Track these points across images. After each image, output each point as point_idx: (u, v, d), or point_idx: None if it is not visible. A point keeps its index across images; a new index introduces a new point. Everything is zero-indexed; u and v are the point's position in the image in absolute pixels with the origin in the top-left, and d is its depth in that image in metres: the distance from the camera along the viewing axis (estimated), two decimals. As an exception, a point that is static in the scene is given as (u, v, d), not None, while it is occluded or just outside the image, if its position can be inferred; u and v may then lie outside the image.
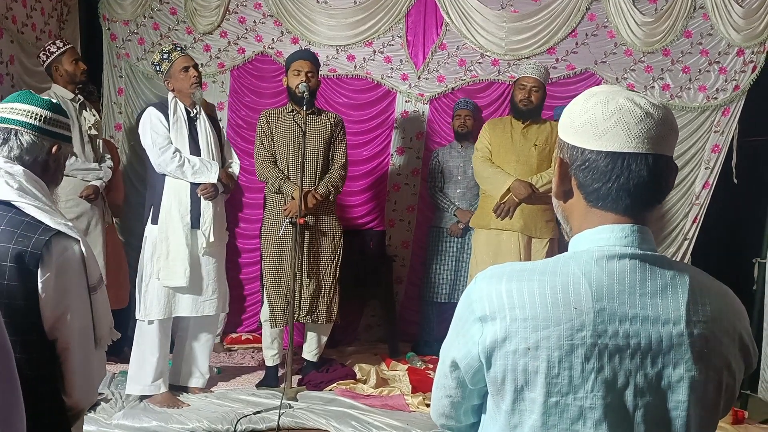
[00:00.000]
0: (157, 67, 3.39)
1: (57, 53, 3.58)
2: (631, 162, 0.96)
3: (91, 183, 3.59)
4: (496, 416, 1.02)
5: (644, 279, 0.96)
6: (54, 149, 1.57)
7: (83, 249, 1.46)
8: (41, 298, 1.39)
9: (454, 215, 4.40)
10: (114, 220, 4.04)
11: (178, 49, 3.41)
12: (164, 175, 3.32)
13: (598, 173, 0.98)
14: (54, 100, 1.61)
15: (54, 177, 1.61)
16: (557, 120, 4.15)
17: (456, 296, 4.44)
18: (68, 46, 3.63)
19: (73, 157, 3.53)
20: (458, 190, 4.45)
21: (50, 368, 1.44)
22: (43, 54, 3.61)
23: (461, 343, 1.02)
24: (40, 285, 1.39)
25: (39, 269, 1.39)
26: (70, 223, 1.48)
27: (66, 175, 3.48)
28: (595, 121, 0.98)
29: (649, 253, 0.98)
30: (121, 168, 4.41)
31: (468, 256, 4.38)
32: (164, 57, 3.35)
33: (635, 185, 0.97)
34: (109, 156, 3.80)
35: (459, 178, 4.44)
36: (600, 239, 0.99)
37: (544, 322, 0.94)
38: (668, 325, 0.95)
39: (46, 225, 1.42)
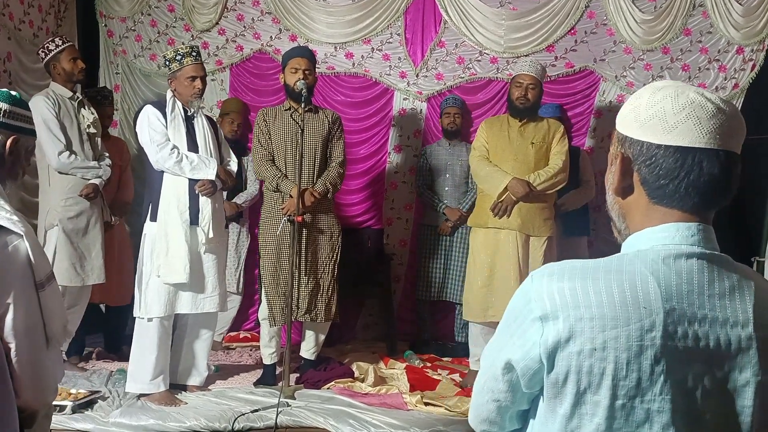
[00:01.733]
0: (167, 63, 3.35)
1: (55, 51, 3.55)
2: (702, 158, 0.92)
3: (90, 181, 3.58)
4: (549, 421, 0.98)
5: (712, 280, 0.93)
6: (10, 142, 1.50)
7: (28, 244, 1.38)
8: None
9: (443, 213, 4.39)
10: (116, 218, 4.02)
11: (194, 54, 3.33)
12: (162, 172, 3.30)
13: (665, 169, 0.94)
14: (14, 93, 1.56)
15: (12, 171, 1.53)
16: (551, 118, 4.16)
17: (446, 294, 4.43)
18: (67, 45, 3.60)
19: (72, 156, 3.52)
20: (446, 188, 4.44)
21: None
22: (42, 51, 3.59)
23: (518, 344, 0.98)
24: None
25: None
26: (15, 217, 1.40)
27: (65, 174, 3.51)
28: (665, 115, 0.94)
29: (715, 253, 0.95)
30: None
31: (457, 254, 4.38)
32: (177, 58, 3.30)
33: (705, 182, 0.93)
34: (107, 154, 3.78)
35: (447, 175, 4.44)
36: (664, 237, 0.95)
37: (612, 321, 0.91)
38: (736, 327, 0.92)
39: None
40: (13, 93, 1.55)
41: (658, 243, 0.95)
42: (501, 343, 1.02)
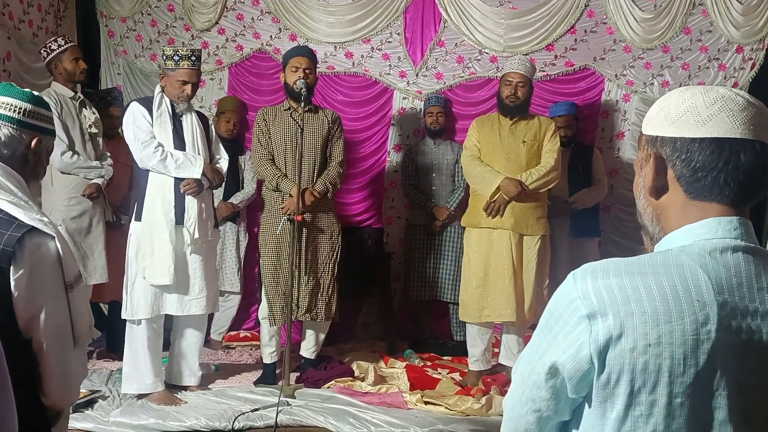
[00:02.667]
0: (164, 59, 3.28)
1: (57, 51, 3.55)
2: (739, 148, 0.92)
3: (93, 181, 3.58)
4: (598, 428, 0.94)
5: (759, 274, 0.92)
6: (34, 143, 1.53)
7: (59, 245, 1.41)
8: (14, 296, 1.35)
9: (431, 212, 4.39)
10: (126, 217, 4.02)
11: (192, 59, 3.24)
12: (147, 171, 3.22)
13: (702, 162, 0.93)
14: (36, 93, 1.57)
15: (34, 171, 1.57)
16: (565, 115, 4.12)
17: (438, 293, 4.42)
18: (69, 45, 3.60)
19: (75, 156, 3.52)
20: (433, 187, 4.45)
21: (26, 367, 1.40)
22: (44, 51, 3.59)
23: (563, 345, 0.94)
24: (12, 283, 1.34)
25: (11, 266, 1.34)
26: (45, 219, 1.43)
27: (68, 174, 3.51)
28: (697, 109, 0.94)
29: (758, 248, 0.94)
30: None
31: (448, 253, 4.38)
32: (174, 57, 3.22)
33: (744, 173, 0.92)
34: (109, 154, 3.78)
35: (434, 175, 4.45)
36: (706, 232, 0.94)
37: (665, 315, 0.88)
38: None
39: (20, 221, 1.38)
40: (36, 93, 1.57)
41: (701, 238, 0.94)
42: (542, 348, 0.98)
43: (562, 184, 4.26)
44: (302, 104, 3.50)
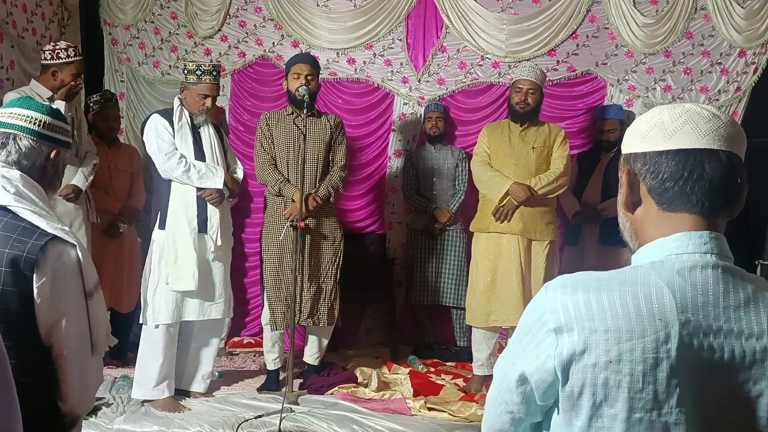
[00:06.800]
0: (185, 73, 3.37)
1: (62, 61, 3.45)
2: (703, 159, 0.95)
3: (71, 182, 3.45)
4: None
5: (727, 291, 0.93)
6: (53, 154, 1.58)
7: (80, 254, 1.46)
8: (36, 303, 1.40)
9: (432, 215, 4.40)
10: (125, 225, 4.02)
11: (214, 74, 3.35)
12: (170, 181, 3.33)
13: (669, 173, 0.97)
14: (54, 107, 1.62)
15: (52, 182, 1.62)
16: (611, 119, 4.15)
17: (440, 298, 4.41)
18: (76, 59, 3.47)
19: None
20: (434, 192, 4.46)
21: (45, 374, 1.44)
22: (50, 53, 3.46)
23: (532, 356, 0.98)
24: (35, 290, 1.39)
25: (34, 274, 1.39)
26: (66, 228, 1.48)
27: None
28: (663, 124, 0.98)
29: (729, 265, 0.96)
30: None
31: (449, 258, 4.39)
32: (197, 72, 3.32)
33: (710, 181, 0.95)
34: (94, 152, 3.66)
35: (434, 179, 4.46)
36: (677, 247, 0.96)
37: (627, 333, 0.91)
38: (751, 339, 0.92)
39: (42, 230, 1.43)
40: (54, 107, 1.63)
41: (672, 253, 0.96)
42: (515, 355, 1.02)
43: (595, 190, 4.24)
44: (305, 110, 3.51)
